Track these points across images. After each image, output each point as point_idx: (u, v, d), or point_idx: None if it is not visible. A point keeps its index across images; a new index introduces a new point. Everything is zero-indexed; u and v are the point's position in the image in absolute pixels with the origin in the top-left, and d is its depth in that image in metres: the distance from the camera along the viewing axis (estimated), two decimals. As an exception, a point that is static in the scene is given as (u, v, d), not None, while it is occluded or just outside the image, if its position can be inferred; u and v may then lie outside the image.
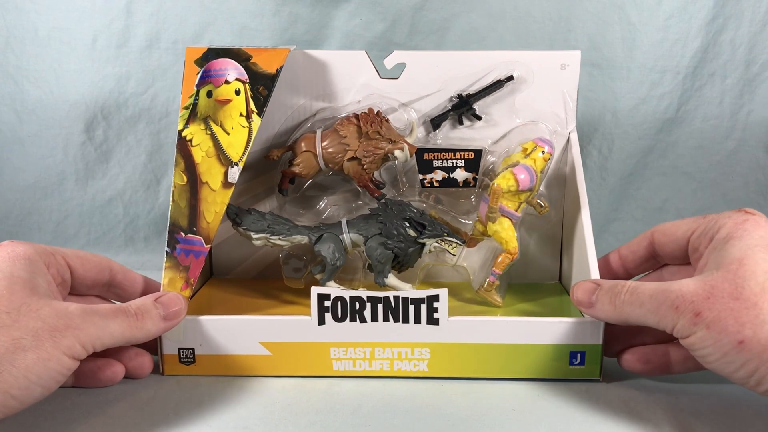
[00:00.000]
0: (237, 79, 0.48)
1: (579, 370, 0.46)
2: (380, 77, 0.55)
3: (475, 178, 0.55)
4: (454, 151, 0.54)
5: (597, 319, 0.44)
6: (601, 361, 0.45)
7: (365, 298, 0.45)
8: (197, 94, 0.49)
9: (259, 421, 0.40)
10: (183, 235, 0.47)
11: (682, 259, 0.45)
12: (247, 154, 0.47)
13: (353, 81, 0.55)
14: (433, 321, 0.45)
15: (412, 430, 0.39)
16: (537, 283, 0.58)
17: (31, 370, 0.34)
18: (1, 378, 0.33)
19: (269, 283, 0.57)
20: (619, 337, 0.46)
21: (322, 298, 0.45)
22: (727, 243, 0.36)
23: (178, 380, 0.46)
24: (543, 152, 0.51)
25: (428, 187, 0.55)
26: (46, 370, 0.35)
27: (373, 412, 0.42)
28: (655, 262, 0.48)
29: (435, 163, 0.55)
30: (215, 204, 0.47)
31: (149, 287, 0.49)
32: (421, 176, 0.55)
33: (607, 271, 0.50)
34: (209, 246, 0.47)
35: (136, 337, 0.40)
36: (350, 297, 0.45)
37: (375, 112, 0.53)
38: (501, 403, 0.43)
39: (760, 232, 0.35)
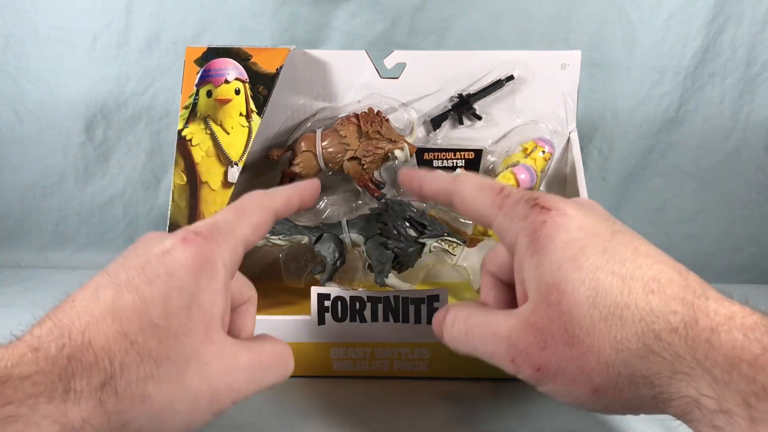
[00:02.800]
0: (237, 79, 0.48)
1: (579, 370, 0.45)
2: (380, 77, 0.55)
3: (475, 178, 0.55)
4: (454, 150, 0.54)
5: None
6: (602, 361, 0.45)
7: (365, 298, 0.45)
8: (197, 93, 0.49)
9: (259, 421, 0.40)
10: (183, 234, 0.47)
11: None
12: (247, 153, 0.47)
13: (353, 81, 0.55)
14: (433, 321, 0.45)
15: (412, 430, 0.39)
16: (537, 283, 0.58)
17: (175, 429, 0.29)
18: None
19: (269, 283, 0.57)
20: None
21: (322, 298, 0.45)
22: (533, 258, 0.31)
23: (178, 380, 0.46)
24: (543, 152, 0.51)
25: (428, 187, 0.55)
26: (188, 429, 0.30)
27: (373, 412, 0.41)
28: None
29: (435, 163, 0.55)
30: (215, 204, 0.47)
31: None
32: (421, 176, 0.55)
33: None
34: (209, 246, 0.47)
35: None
36: (350, 297, 0.45)
37: (375, 111, 0.53)
38: (501, 403, 0.43)
39: (562, 236, 0.30)
